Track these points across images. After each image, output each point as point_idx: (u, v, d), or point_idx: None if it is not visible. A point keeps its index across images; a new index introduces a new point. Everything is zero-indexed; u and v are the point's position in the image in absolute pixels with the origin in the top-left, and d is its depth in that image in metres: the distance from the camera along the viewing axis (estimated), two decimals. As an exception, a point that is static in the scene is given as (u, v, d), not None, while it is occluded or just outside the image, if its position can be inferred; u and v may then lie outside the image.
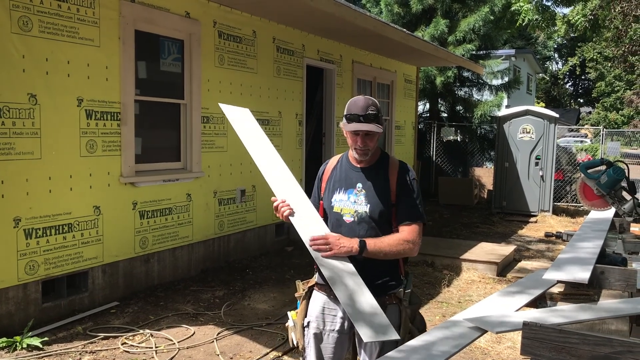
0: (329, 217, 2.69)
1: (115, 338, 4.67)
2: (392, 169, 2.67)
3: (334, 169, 2.75)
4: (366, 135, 2.57)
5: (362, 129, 2.53)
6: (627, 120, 36.48)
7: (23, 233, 4.72)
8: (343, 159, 2.76)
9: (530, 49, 36.45)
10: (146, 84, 6.05)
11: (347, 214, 2.62)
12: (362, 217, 2.59)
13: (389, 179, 2.64)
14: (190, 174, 6.44)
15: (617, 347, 1.86)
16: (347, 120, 2.58)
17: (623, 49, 14.10)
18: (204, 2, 6.54)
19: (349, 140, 2.63)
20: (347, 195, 2.64)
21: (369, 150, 2.61)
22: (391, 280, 2.64)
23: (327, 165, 2.81)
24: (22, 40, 4.64)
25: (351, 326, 2.62)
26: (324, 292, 2.67)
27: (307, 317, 2.71)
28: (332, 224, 2.66)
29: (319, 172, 2.83)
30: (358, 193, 2.62)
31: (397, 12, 14.35)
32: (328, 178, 2.74)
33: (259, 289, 6.11)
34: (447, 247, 8.00)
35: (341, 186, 2.67)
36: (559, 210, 12.47)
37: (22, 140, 4.66)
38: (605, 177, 4.48)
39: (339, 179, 2.69)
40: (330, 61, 9.36)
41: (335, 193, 2.66)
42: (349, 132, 2.60)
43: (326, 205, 2.70)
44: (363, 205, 2.60)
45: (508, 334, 4.73)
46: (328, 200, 2.68)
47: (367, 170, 2.66)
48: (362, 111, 2.53)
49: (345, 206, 2.63)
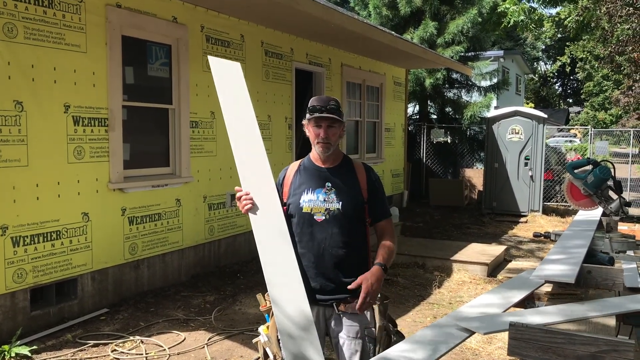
0: (297, 219, 2.68)
1: (105, 345, 4.64)
2: (357, 168, 2.77)
3: (297, 173, 2.77)
4: (329, 127, 2.64)
5: (324, 115, 2.61)
6: (615, 120, 36.78)
7: (10, 241, 4.68)
8: (305, 163, 2.80)
9: (519, 50, 36.68)
10: (134, 89, 6.03)
11: (317, 213, 2.64)
12: (335, 215, 2.62)
13: (357, 177, 2.72)
14: (180, 179, 6.42)
15: (602, 347, 1.87)
16: (309, 113, 2.65)
17: (610, 49, 14.21)
18: (191, 7, 6.53)
19: (312, 136, 2.69)
20: (316, 195, 2.65)
21: (331, 144, 2.67)
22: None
23: (287, 171, 2.82)
24: (7, 46, 4.61)
25: (325, 330, 2.66)
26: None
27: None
28: (301, 225, 2.66)
29: (278, 178, 2.83)
30: (328, 192, 2.65)
31: (386, 14, 14.40)
32: (291, 182, 2.75)
33: (250, 293, 6.09)
34: (437, 249, 8.02)
35: (309, 187, 2.68)
36: (549, 210, 12.54)
37: (8, 148, 4.63)
38: (592, 177, 4.50)
39: (305, 181, 2.71)
40: (319, 64, 9.37)
41: (302, 194, 2.67)
42: (312, 124, 2.66)
43: (293, 208, 2.69)
44: (335, 203, 2.63)
45: (499, 335, 4.74)
46: (296, 202, 2.68)
47: (334, 169, 2.72)
48: (323, 103, 2.63)
49: (316, 205, 2.64)
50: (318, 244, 2.62)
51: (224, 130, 7.97)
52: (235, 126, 2.89)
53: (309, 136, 2.72)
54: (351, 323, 2.60)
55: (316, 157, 2.75)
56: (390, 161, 12.46)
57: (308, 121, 2.67)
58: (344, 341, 2.60)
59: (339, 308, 2.61)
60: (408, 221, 10.97)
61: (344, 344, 2.60)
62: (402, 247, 7.97)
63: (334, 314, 2.63)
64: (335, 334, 2.64)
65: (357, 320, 2.60)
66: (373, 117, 11.73)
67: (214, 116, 6.89)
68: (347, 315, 2.60)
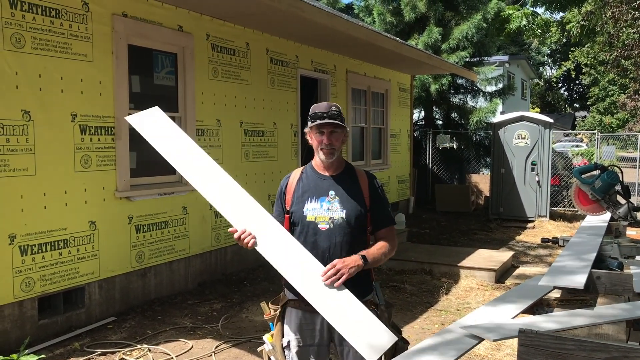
0: (300, 227, 2.66)
1: (113, 354, 4.64)
2: (360, 176, 2.75)
3: (299, 181, 2.75)
4: (331, 133, 2.63)
5: (327, 121, 2.60)
6: (622, 124, 36.62)
7: (18, 250, 4.70)
8: (307, 170, 2.78)
9: (524, 55, 36.63)
10: (140, 98, 6.06)
11: (322, 222, 2.62)
12: (339, 223, 2.61)
13: (360, 186, 2.70)
14: (186, 187, 6.42)
15: (613, 353, 1.86)
16: (311, 120, 2.64)
17: (615, 54, 14.17)
18: (197, 16, 6.56)
19: (315, 143, 2.68)
20: (319, 204, 2.64)
21: (335, 150, 2.66)
22: (366, 287, 2.67)
23: (290, 178, 2.80)
24: (15, 56, 4.64)
25: (330, 337, 2.64)
26: (299, 308, 2.66)
27: (285, 336, 2.70)
28: (305, 234, 2.64)
29: (280, 186, 2.81)
30: (331, 200, 2.64)
31: (390, 21, 14.43)
32: (294, 190, 2.73)
33: (257, 301, 6.08)
34: (445, 255, 7.99)
35: (312, 195, 2.67)
36: (556, 215, 12.48)
37: (16, 157, 4.66)
38: (600, 182, 4.49)
39: (308, 189, 2.69)
40: (324, 71, 9.39)
41: (306, 203, 2.66)
42: (314, 131, 2.65)
43: (297, 217, 2.67)
44: (338, 212, 2.62)
45: (507, 341, 4.71)
46: (299, 211, 2.66)
47: (337, 177, 2.70)
48: (325, 109, 2.63)
49: (320, 214, 2.63)
50: (322, 252, 2.61)
51: (229, 137, 7.99)
52: (190, 170, 2.78)
53: (311, 144, 2.72)
54: None
55: (319, 165, 2.74)
56: (396, 167, 12.45)
57: (310, 129, 2.66)
58: (349, 349, 2.58)
59: None
60: (414, 227, 10.95)
61: (349, 353, 2.58)
62: (409, 254, 7.95)
63: None
64: (340, 342, 2.62)
65: None
66: (378, 124, 11.73)
67: (219, 124, 6.91)
68: None
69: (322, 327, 2.61)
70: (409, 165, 13.37)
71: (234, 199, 2.72)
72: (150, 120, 2.84)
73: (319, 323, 2.60)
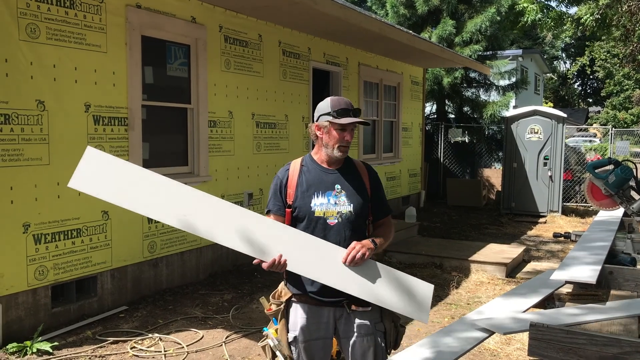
0: (306, 222, 2.60)
1: (125, 342, 4.69)
2: (359, 167, 2.75)
3: (301, 174, 2.67)
4: (351, 130, 2.62)
5: (358, 120, 2.58)
6: (636, 119, 36.23)
7: (32, 238, 4.75)
8: (307, 163, 2.72)
9: (538, 49, 36.29)
10: (153, 89, 6.08)
11: (330, 217, 2.59)
12: (347, 217, 2.60)
13: (362, 177, 2.71)
14: (198, 178, 6.46)
15: (625, 348, 1.85)
16: (337, 115, 2.57)
17: (631, 48, 14.00)
18: (210, 7, 6.57)
19: (332, 139, 2.60)
20: (327, 198, 2.61)
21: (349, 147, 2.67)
22: None
23: (290, 171, 2.70)
24: (30, 47, 4.68)
25: (334, 329, 2.65)
26: (304, 302, 2.64)
27: (291, 332, 2.66)
28: (312, 230, 2.59)
29: (279, 179, 2.71)
30: (338, 194, 2.62)
31: (403, 13, 14.34)
32: (297, 184, 2.65)
33: (268, 292, 6.09)
34: (455, 249, 7.98)
35: (318, 190, 2.62)
36: (568, 210, 12.40)
37: (30, 147, 4.70)
38: (613, 177, 4.45)
39: (313, 183, 2.63)
40: (336, 64, 9.37)
41: (313, 198, 2.61)
42: (336, 127, 2.58)
43: (302, 212, 2.61)
44: (346, 205, 2.61)
45: (517, 335, 4.69)
46: (305, 206, 2.60)
47: (342, 170, 2.68)
48: (350, 106, 2.60)
49: (328, 209, 2.60)
50: None
51: (241, 129, 8.00)
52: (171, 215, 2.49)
53: (321, 138, 2.64)
54: (362, 322, 2.59)
55: (322, 159, 2.69)
56: (407, 161, 12.42)
57: (330, 124, 2.58)
58: (354, 340, 2.58)
59: (351, 307, 2.59)
60: (425, 221, 10.92)
61: (355, 343, 2.59)
62: (420, 247, 7.94)
63: (344, 314, 2.61)
64: (345, 334, 2.62)
65: (367, 317, 2.59)
66: (390, 117, 11.70)
67: (231, 115, 6.93)
68: (358, 315, 2.59)
69: (328, 320, 2.62)
70: (421, 158, 13.33)
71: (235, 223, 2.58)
72: (91, 172, 2.35)
73: (324, 316, 2.61)
